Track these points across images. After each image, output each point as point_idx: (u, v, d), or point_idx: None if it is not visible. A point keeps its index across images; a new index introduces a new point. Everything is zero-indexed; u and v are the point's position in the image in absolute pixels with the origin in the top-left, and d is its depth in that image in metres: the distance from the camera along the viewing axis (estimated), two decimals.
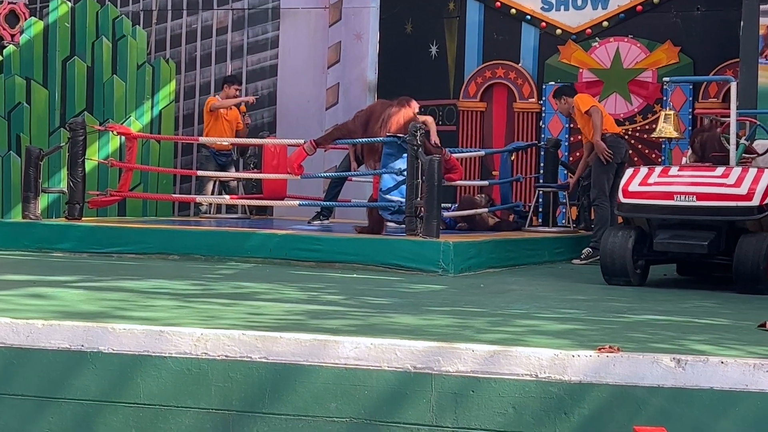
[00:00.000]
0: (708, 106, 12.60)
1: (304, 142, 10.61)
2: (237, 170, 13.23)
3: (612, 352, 4.91)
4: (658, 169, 9.07)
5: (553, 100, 12.04)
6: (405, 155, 9.72)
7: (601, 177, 10.64)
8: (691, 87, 12.78)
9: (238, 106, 13.41)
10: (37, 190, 10.73)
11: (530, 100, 13.65)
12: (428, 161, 9.42)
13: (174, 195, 13.78)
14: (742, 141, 9.23)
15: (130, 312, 6.02)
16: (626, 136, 12.30)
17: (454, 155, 11.15)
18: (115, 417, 5.23)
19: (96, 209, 12.00)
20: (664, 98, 12.57)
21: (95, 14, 13.67)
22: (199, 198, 12.57)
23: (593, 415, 4.81)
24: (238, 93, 13.49)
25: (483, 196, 12.21)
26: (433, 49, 14.32)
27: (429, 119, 10.74)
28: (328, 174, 12.34)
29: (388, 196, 9.99)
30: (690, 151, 9.92)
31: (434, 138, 10.45)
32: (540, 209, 12.08)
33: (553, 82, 13.38)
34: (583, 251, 10.82)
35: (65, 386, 5.28)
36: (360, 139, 10.50)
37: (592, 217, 11.30)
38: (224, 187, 13.19)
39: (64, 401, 5.28)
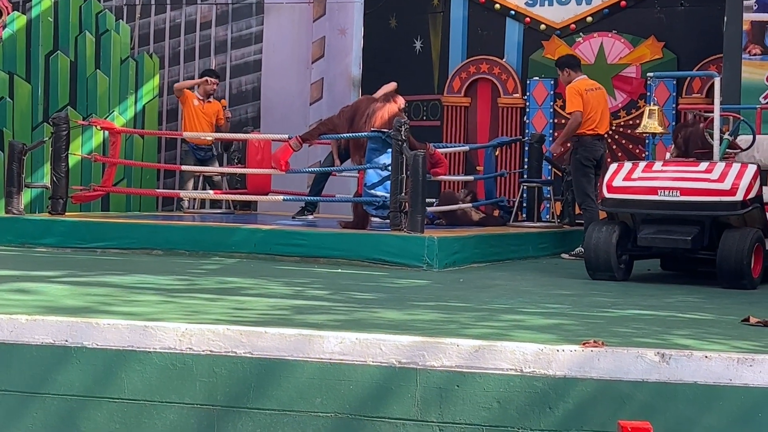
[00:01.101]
0: (692, 101, 12.64)
1: (289, 138, 10.59)
2: (221, 165, 13.19)
3: (596, 346, 4.91)
4: (642, 164, 9.06)
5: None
6: (389, 150, 9.71)
7: (581, 181, 10.62)
8: (674, 82, 12.83)
9: (214, 99, 13.30)
10: (20, 185, 10.70)
11: (514, 95, 13.66)
12: (413, 156, 9.41)
13: (158, 190, 13.75)
14: (726, 136, 9.24)
15: (114, 307, 6.00)
16: (610, 131, 12.31)
17: (439, 150, 11.15)
18: (99, 412, 5.21)
19: (79, 204, 11.96)
20: (648, 93, 12.60)
21: (78, 9, 13.61)
22: (183, 193, 12.54)
23: (578, 410, 4.82)
24: (216, 87, 13.42)
25: (465, 191, 12.20)
26: (418, 45, 14.32)
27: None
28: (313, 169, 12.32)
29: (372, 191, 9.97)
30: (673, 147, 9.93)
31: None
32: (524, 204, 12.09)
33: (537, 78, 13.43)
34: (576, 249, 10.80)
35: (49, 381, 5.26)
36: (345, 134, 10.49)
37: (577, 212, 11.29)
38: (208, 182, 13.15)
39: (48, 396, 5.26)
